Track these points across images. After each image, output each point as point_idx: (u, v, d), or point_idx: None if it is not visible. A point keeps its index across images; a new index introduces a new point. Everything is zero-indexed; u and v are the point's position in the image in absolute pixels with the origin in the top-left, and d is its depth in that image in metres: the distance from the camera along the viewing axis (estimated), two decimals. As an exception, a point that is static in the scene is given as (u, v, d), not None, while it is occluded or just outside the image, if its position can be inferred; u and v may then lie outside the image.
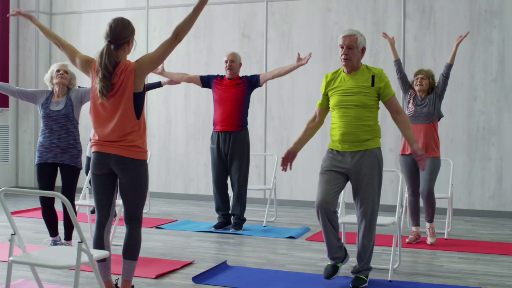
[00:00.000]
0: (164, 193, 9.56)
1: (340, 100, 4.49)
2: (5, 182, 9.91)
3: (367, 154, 4.46)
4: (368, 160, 4.45)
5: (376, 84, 4.48)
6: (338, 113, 4.50)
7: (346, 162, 4.48)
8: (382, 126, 8.34)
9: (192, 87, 9.37)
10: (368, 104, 4.46)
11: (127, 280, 4.02)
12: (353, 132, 4.45)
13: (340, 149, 4.50)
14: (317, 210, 4.46)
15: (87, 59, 4.04)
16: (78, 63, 4.06)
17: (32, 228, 6.86)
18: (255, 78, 6.75)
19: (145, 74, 3.91)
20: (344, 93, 4.48)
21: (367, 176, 4.44)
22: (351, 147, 4.47)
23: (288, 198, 8.87)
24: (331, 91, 4.57)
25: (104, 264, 4.04)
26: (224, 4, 9.23)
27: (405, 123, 4.51)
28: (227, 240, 6.34)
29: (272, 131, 9.00)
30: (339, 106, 4.49)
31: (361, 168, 4.45)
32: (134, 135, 3.89)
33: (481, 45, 8.04)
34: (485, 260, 5.54)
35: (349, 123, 4.45)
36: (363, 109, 4.45)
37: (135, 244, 4.01)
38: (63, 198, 3.28)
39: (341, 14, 8.66)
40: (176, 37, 3.90)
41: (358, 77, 4.51)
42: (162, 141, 9.61)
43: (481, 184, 8.04)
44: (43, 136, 5.40)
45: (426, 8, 8.28)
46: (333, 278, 4.57)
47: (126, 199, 3.97)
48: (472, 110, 8.08)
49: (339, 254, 4.59)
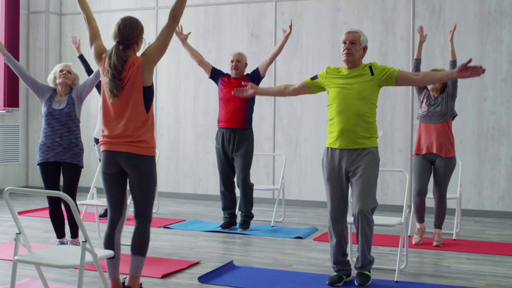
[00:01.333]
0: (173, 192, 9.57)
1: (340, 93, 4.50)
2: (16, 181, 9.97)
3: (364, 152, 4.48)
4: (365, 158, 4.47)
5: (375, 72, 4.51)
6: (337, 108, 4.49)
7: (343, 162, 4.51)
8: (390, 127, 8.36)
9: (202, 88, 9.38)
10: (368, 98, 4.46)
11: (134, 276, 4.04)
12: (351, 129, 4.45)
13: (337, 146, 4.51)
14: (332, 222, 4.59)
15: (101, 53, 4.06)
16: (93, 50, 4.10)
17: (40, 227, 6.89)
18: (255, 71, 6.79)
19: (153, 64, 3.96)
20: (344, 87, 4.50)
21: (364, 173, 4.45)
22: (348, 144, 4.48)
23: (296, 198, 8.86)
24: (330, 83, 4.58)
25: (112, 262, 4.05)
26: (233, 4, 9.23)
27: (428, 73, 4.48)
28: (234, 240, 6.34)
29: (281, 131, 8.99)
30: (338, 100, 4.49)
31: (358, 166, 4.47)
32: (143, 130, 3.92)
33: (490, 45, 7.99)
34: (493, 261, 5.51)
35: (348, 120, 4.46)
36: (363, 105, 4.45)
37: (143, 240, 4.04)
38: (67, 197, 3.29)
39: (350, 14, 8.63)
40: (174, 19, 4.00)
41: (358, 73, 4.53)
42: (171, 141, 9.62)
43: (490, 185, 7.99)
44: (45, 135, 5.42)
45: (436, 7, 8.24)
46: (337, 285, 4.57)
47: (136, 195, 4.01)
48: (482, 111, 8.03)
49: (344, 267, 4.66)
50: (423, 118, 6.10)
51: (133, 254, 4.03)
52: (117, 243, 4.07)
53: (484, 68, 4.20)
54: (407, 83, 4.54)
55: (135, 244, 4.03)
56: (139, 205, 4.03)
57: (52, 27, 10.23)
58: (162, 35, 3.96)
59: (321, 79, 4.66)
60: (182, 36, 6.93)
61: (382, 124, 8.35)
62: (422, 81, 4.52)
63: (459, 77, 4.25)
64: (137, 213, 4.06)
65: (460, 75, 4.23)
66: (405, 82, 4.51)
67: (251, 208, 6.84)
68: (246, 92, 4.78)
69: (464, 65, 4.20)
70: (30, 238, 6.25)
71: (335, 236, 4.60)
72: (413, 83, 4.56)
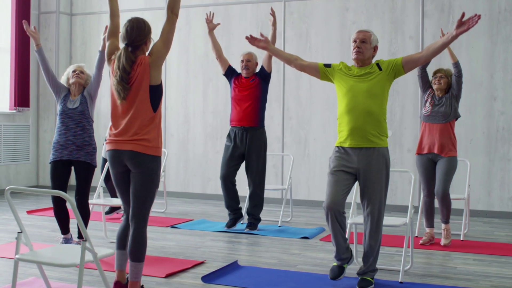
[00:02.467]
0: (182, 192, 9.59)
1: (349, 91, 4.47)
2: (26, 181, 10.03)
3: (375, 153, 4.43)
4: (375, 159, 4.42)
5: (383, 66, 4.49)
6: (347, 107, 4.46)
7: (354, 161, 4.45)
8: (399, 127, 8.32)
9: (211, 87, 9.39)
10: (378, 95, 4.43)
11: (134, 281, 3.97)
12: (361, 127, 4.42)
13: (348, 145, 4.47)
14: (326, 211, 4.45)
15: (113, 52, 4.06)
16: (107, 47, 4.10)
17: (48, 226, 6.92)
18: (261, 69, 6.81)
19: (161, 62, 3.95)
20: (354, 85, 4.47)
21: (374, 176, 4.41)
22: (359, 143, 4.43)
23: (305, 198, 8.84)
24: (340, 79, 4.56)
25: (123, 253, 4.05)
26: (242, 4, 9.23)
27: (430, 45, 4.43)
28: (241, 240, 6.34)
29: (289, 131, 8.97)
30: (348, 99, 4.46)
31: (369, 167, 4.42)
32: (149, 128, 3.91)
33: (501, 44, 7.93)
34: (500, 262, 5.46)
35: (358, 118, 4.42)
36: (373, 103, 4.41)
37: (140, 246, 3.93)
38: (66, 196, 3.30)
39: (359, 13, 8.60)
40: (172, 12, 3.98)
41: (367, 71, 4.51)
42: (181, 141, 9.64)
43: (500, 185, 7.93)
44: (59, 133, 5.47)
45: (445, 6, 8.19)
46: (339, 279, 4.55)
47: (134, 194, 3.93)
48: (492, 110, 7.97)
49: (346, 255, 4.58)
50: (427, 118, 6.07)
51: (131, 260, 3.95)
52: None
53: (479, 14, 4.19)
54: (415, 64, 4.48)
55: (133, 251, 3.92)
56: (137, 205, 3.93)
57: (62, 27, 10.29)
58: (165, 31, 3.97)
59: (332, 70, 4.63)
60: (211, 25, 6.92)
61: (391, 124, 8.31)
62: (428, 54, 4.40)
63: (459, 33, 4.23)
64: (133, 214, 3.93)
65: (459, 32, 4.22)
66: (413, 64, 4.47)
67: (260, 211, 6.85)
68: (258, 43, 4.74)
69: (460, 21, 4.21)
70: (37, 236, 6.29)
71: (332, 223, 4.45)
72: (420, 60, 4.46)
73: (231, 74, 6.88)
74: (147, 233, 4.01)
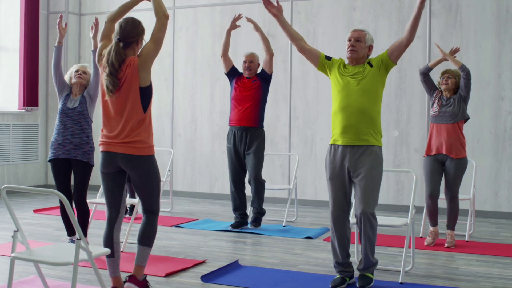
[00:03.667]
0: (189, 192, 9.60)
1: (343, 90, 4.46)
2: (35, 180, 10.08)
3: (368, 151, 4.42)
4: (368, 157, 4.42)
5: (374, 62, 4.50)
6: (340, 105, 4.45)
7: (346, 161, 4.46)
8: (406, 126, 8.27)
9: (218, 87, 9.40)
10: (371, 91, 4.42)
11: (140, 265, 4.11)
12: (354, 125, 4.41)
13: (341, 142, 4.47)
14: (333, 222, 4.57)
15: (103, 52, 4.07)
16: (99, 46, 4.12)
17: (53, 225, 6.96)
18: (262, 71, 6.83)
19: (150, 63, 3.97)
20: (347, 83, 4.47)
21: (367, 174, 4.40)
22: (352, 140, 4.43)
23: (312, 198, 8.82)
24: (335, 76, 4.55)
25: (113, 260, 4.08)
26: (249, 3, 9.22)
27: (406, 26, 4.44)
28: (244, 240, 6.33)
29: (296, 131, 8.96)
30: (341, 97, 4.45)
31: (362, 165, 4.41)
32: (139, 130, 3.96)
33: (508, 43, 7.87)
34: (504, 263, 5.41)
35: (351, 116, 4.41)
36: (366, 100, 4.41)
37: (151, 232, 4.13)
38: (59, 195, 3.31)
39: (366, 13, 8.57)
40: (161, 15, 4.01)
41: (360, 69, 4.51)
42: (188, 140, 9.65)
43: (508, 185, 7.86)
44: (57, 132, 5.52)
45: (452, 6, 8.14)
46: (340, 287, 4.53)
47: (141, 194, 4.10)
48: (499, 110, 7.91)
49: (347, 269, 4.61)
50: (434, 118, 6.04)
51: (139, 244, 4.10)
52: (116, 242, 4.10)
53: None
54: (399, 50, 4.44)
55: (143, 235, 4.10)
56: (145, 202, 4.12)
57: (71, 27, 10.33)
58: (155, 30, 4.00)
59: (332, 64, 4.63)
60: (233, 24, 6.92)
61: (398, 124, 8.27)
62: (407, 35, 4.36)
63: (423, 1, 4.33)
64: (144, 209, 4.15)
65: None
66: (397, 51, 4.44)
67: (261, 203, 6.85)
68: (271, 8, 4.71)
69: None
70: (42, 235, 6.32)
71: (337, 236, 4.56)
72: (403, 43, 4.41)
73: (234, 74, 6.89)
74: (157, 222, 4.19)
